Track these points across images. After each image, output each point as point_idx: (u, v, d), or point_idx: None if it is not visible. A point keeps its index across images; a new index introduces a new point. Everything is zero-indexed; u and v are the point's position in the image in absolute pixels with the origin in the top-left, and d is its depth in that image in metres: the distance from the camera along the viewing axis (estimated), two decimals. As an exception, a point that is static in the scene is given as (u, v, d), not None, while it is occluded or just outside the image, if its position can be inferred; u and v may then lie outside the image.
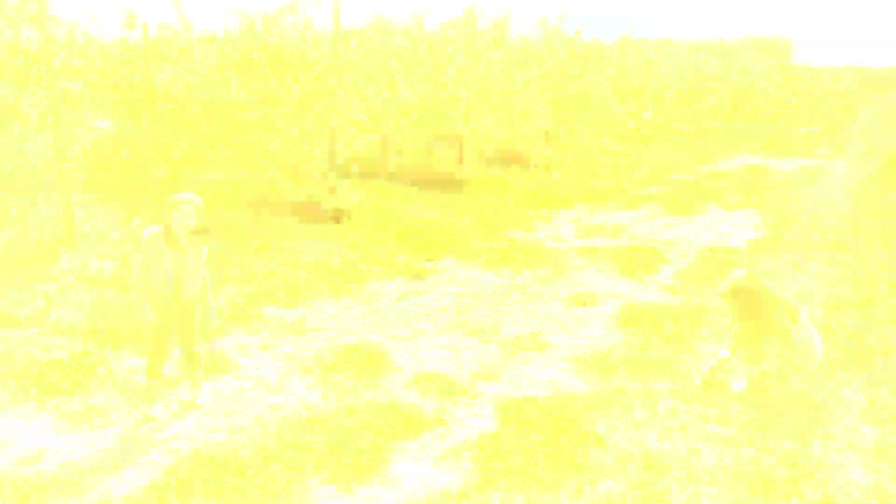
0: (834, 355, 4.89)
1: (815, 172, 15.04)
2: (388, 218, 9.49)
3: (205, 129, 10.69)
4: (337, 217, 9.34)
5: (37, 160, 6.81)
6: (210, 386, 4.51)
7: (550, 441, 3.64)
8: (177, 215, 3.92)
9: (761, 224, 9.73)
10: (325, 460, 3.54)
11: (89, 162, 10.74)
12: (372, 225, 9.08)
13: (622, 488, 3.27)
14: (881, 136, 23.80)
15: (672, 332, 5.37)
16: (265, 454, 3.52)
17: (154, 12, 13.22)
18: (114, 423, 4.02)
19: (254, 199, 10.01)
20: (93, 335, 5.23)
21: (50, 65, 6.42)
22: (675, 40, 36.40)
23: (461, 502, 3.19)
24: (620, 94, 19.54)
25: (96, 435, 3.88)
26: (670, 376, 4.59)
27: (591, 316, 5.92)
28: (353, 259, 7.57)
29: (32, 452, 3.66)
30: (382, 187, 11.42)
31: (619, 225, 9.52)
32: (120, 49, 12.05)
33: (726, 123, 29.19)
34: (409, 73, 13.29)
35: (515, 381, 4.59)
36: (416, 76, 13.22)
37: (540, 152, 15.20)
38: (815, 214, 10.20)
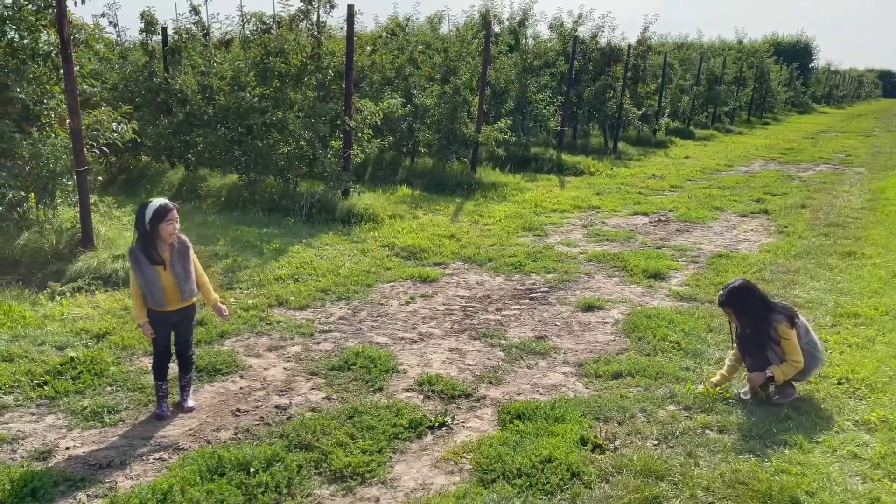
0: (841, 364, 4.88)
1: (833, 178, 14.89)
2: (400, 221, 9.56)
3: (221, 132, 10.84)
4: (349, 219, 9.44)
5: (56, 162, 6.95)
6: (218, 386, 4.61)
7: (549, 445, 3.66)
8: (163, 226, 3.89)
9: (775, 230, 9.67)
10: (326, 461, 3.60)
11: (108, 164, 10.95)
12: (384, 228, 9.16)
13: (618, 492, 3.29)
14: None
15: (678, 339, 5.37)
16: (269, 453, 3.58)
17: (174, 16, 13.44)
18: (123, 421, 4.11)
19: (268, 201, 10.15)
20: (106, 335, 5.35)
21: (69, 68, 6.55)
22: (694, 42, 36.19)
23: (458, 503, 3.23)
24: (636, 97, 19.48)
25: (106, 432, 3.97)
26: (673, 382, 4.60)
27: (598, 321, 5.94)
28: (364, 261, 7.64)
29: (43, 448, 3.75)
30: (395, 190, 11.51)
31: (631, 230, 9.51)
32: (139, 53, 12.28)
33: (744, 127, 28.97)
34: (423, 76, 13.37)
35: (518, 385, 4.63)
36: (430, 79, 13.29)
37: (553, 156, 15.20)
38: (831, 221, 10.11)
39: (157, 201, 3.97)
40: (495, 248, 8.28)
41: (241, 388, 4.58)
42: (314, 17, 9.78)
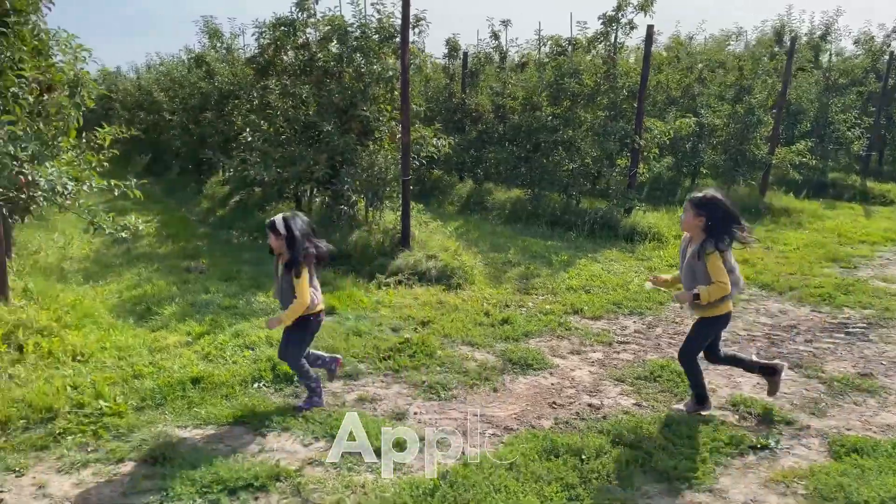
0: None
1: None
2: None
3: (509, 149, 11.58)
4: (632, 237, 9.50)
5: (387, 171, 8.02)
6: (531, 379, 4.99)
7: (897, 485, 3.42)
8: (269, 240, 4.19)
9: None
10: (650, 461, 3.74)
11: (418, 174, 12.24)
12: (668, 247, 9.07)
13: None
14: None
15: None
16: (597, 445, 3.82)
17: (475, 42, 14.65)
18: (455, 398, 4.65)
19: (550, 215, 10.60)
20: (429, 323, 6.06)
21: (406, 90, 7.53)
22: None
23: (799, 525, 3.17)
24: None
25: (443, 405, 4.54)
26: None
27: (935, 365, 5.31)
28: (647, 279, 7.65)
29: (398, 411, 4.40)
30: (676, 210, 11.29)
31: (965, 269, 8.27)
32: (440, 75, 13.61)
33: None
34: (712, 94, 12.95)
35: (846, 420, 4.34)
36: (719, 97, 12.84)
37: (856, 182, 13.71)
38: None
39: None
40: (796, 278, 7.76)
41: (552, 385, 4.91)
42: (612, 39, 10.03)
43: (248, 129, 8.82)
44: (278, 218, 4.15)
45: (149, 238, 9.37)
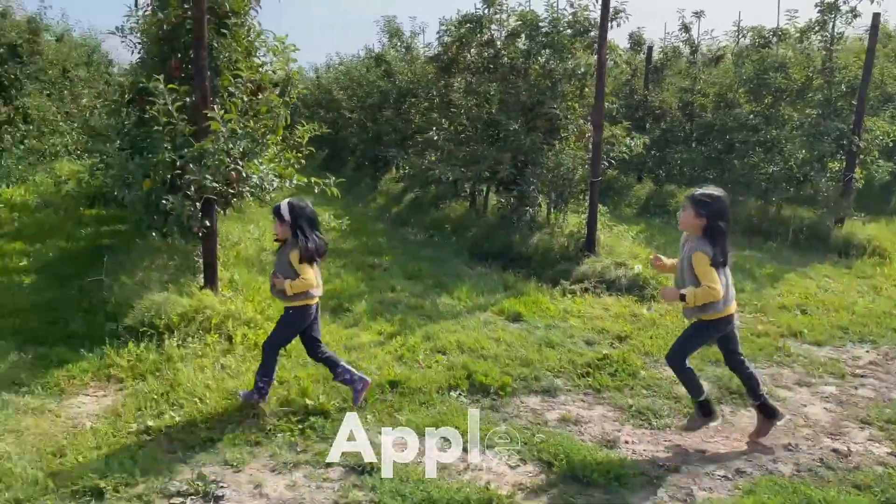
0: None
1: None
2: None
3: (699, 148, 10.75)
4: (847, 251, 8.42)
5: (574, 172, 7.63)
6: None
7: None
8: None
9: None
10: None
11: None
12: (890, 263, 7.95)
13: None
14: None
15: None
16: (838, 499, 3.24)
17: (662, 36, 13.85)
18: (669, 427, 4.19)
19: (744, 222, 9.67)
20: (626, 338, 5.60)
21: (601, 87, 7.09)
22: None
23: None
24: None
25: (657, 435, 4.10)
26: None
27: None
28: (880, 301, 6.71)
29: (608, 437, 4.03)
30: (885, 222, 9.95)
31: None
32: (622, 70, 12.95)
33: None
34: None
35: None
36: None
37: None
38: None
39: None
40: None
41: (783, 422, 4.29)
42: (829, 28, 8.94)
43: (433, 129, 8.78)
44: (283, 203, 4.05)
45: (332, 233, 9.63)
